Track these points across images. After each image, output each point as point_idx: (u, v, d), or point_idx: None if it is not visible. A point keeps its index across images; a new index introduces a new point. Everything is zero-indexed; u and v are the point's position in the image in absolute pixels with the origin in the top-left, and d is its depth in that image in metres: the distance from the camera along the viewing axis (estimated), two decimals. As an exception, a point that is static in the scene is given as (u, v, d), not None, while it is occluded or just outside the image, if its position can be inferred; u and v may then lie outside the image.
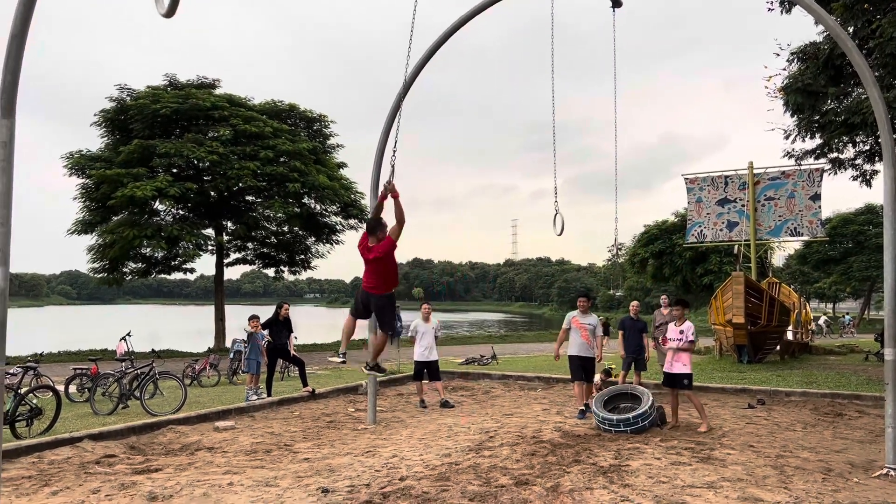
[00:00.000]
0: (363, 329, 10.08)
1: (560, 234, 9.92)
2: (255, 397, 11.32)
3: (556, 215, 9.73)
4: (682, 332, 8.96)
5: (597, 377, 12.44)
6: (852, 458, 7.06)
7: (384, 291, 7.18)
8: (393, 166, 7.40)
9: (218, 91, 29.61)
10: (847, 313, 53.03)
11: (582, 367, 10.07)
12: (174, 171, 27.74)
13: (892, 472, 6.28)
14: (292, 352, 12.38)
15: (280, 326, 12.12)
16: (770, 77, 15.14)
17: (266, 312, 13.20)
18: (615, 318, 24.15)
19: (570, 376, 10.53)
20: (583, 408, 9.88)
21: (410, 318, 12.77)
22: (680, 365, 8.83)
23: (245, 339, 17.02)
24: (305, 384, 12.00)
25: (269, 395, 11.68)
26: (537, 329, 56.66)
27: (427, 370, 11.35)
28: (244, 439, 8.27)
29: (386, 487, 5.95)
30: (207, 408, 10.29)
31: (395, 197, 7.03)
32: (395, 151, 7.60)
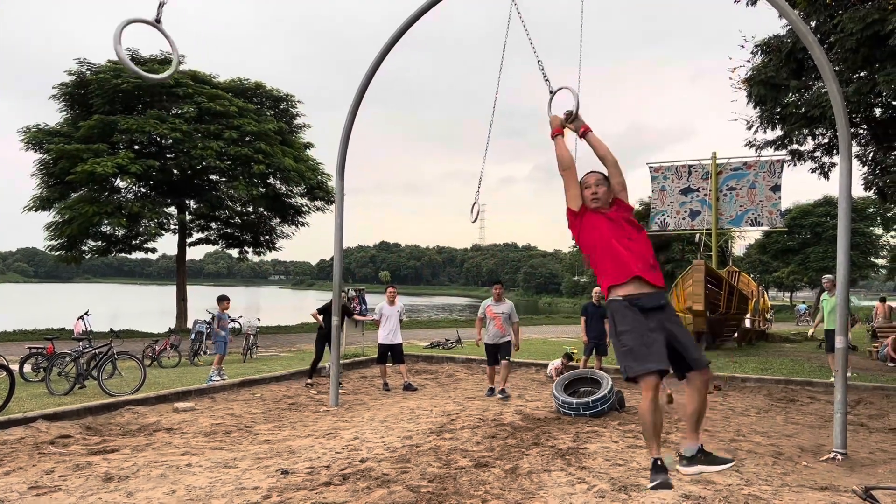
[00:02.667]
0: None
1: (474, 222, 9.27)
2: (217, 378, 11.23)
3: (474, 204, 8.98)
4: None
5: (558, 361, 12.62)
6: (802, 442, 7.27)
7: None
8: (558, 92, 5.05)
9: (182, 67, 28.99)
10: (803, 302, 54.37)
11: (496, 354, 10.50)
12: (136, 147, 27.12)
13: (839, 456, 6.48)
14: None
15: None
16: (734, 69, 15.36)
17: (230, 293, 13.11)
18: (579, 304, 24.44)
19: (532, 360, 10.68)
20: (492, 387, 10.52)
21: (376, 302, 12.73)
22: None
23: (209, 320, 16.90)
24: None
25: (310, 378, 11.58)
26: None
27: (391, 353, 11.37)
28: (204, 420, 8.20)
29: (346, 469, 5.96)
30: (167, 388, 10.17)
31: (586, 131, 4.41)
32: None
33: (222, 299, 12.30)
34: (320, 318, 11.90)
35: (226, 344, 11.95)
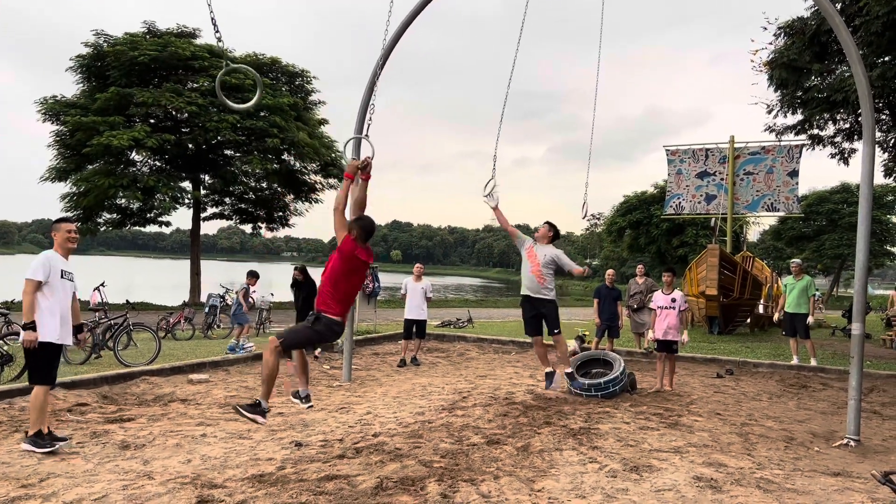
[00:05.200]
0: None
1: (494, 206, 8.94)
2: (242, 351, 11.48)
3: (489, 181, 8.72)
4: (673, 299, 9.15)
5: (572, 343, 12.63)
6: (814, 428, 7.26)
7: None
8: (366, 136, 6.40)
9: (198, 41, 28.94)
10: (817, 289, 53.99)
11: (413, 328, 11.26)
12: (151, 121, 27.22)
13: (851, 443, 6.47)
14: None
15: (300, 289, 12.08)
16: (756, 51, 15.16)
17: (243, 268, 13.26)
18: (590, 287, 24.38)
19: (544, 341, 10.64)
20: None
21: (390, 280, 12.83)
22: (675, 333, 9.08)
23: (223, 294, 17.05)
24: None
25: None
26: (513, 295, 57.05)
27: (416, 328, 11.43)
28: (218, 392, 8.28)
29: (359, 443, 6.01)
30: (182, 360, 10.27)
31: (367, 179, 5.62)
32: (370, 118, 6.63)
33: (251, 275, 12.65)
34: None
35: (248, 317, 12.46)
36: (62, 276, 5.76)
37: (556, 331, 8.32)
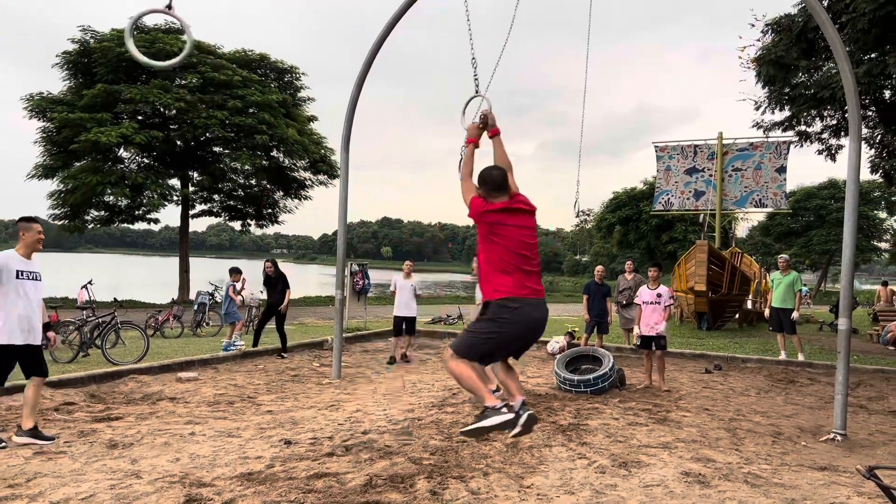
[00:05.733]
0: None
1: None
2: (234, 347, 11.46)
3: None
4: (659, 294, 9.15)
5: (562, 339, 12.66)
6: (802, 422, 7.31)
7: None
8: (477, 90, 5.63)
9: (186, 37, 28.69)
10: (805, 285, 54.37)
11: (403, 325, 11.22)
12: (139, 117, 27.01)
13: (838, 437, 6.52)
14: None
15: (269, 285, 12.10)
16: (744, 48, 15.21)
17: (232, 266, 13.21)
18: (580, 283, 24.44)
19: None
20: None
21: (381, 277, 12.80)
22: (660, 328, 9.05)
23: (211, 291, 17.00)
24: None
25: (255, 346, 11.85)
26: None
27: (405, 325, 11.40)
28: (207, 390, 8.25)
29: (349, 440, 6.01)
30: (170, 358, 10.23)
31: (496, 134, 4.75)
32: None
33: (234, 271, 12.68)
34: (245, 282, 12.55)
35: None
36: (19, 277, 5.71)
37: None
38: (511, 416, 3.96)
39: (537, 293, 4.17)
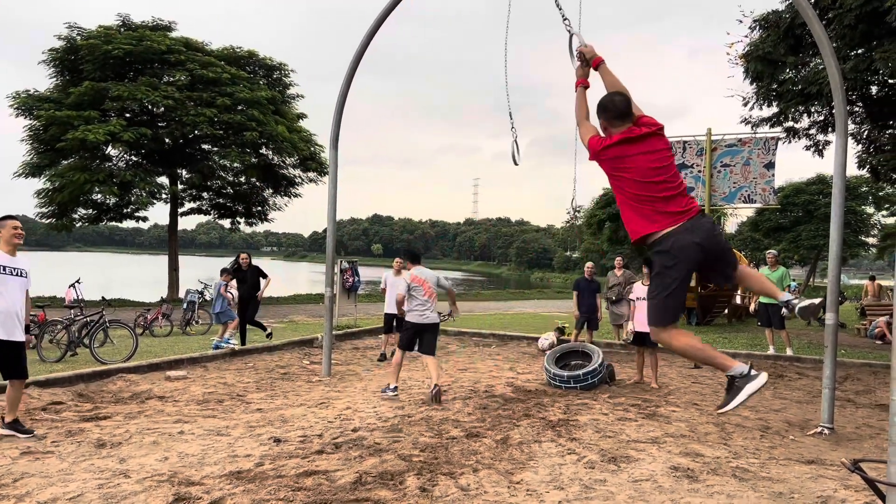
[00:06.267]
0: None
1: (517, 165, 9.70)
2: (226, 344, 11.40)
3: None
4: None
5: (551, 335, 12.69)
6: (790, 417, 7.36)
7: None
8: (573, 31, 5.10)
9: (174, 34, 28.57)
10: (794, 280, 54.61)
11: (394, 322, 10.91)
12: (127, 115, 26.87)
13: (825, 431, 6.56)
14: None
15: (240, 277, 12.15)
16: (732, 44, 15.28)
17: (222, 264, 13.15)
18: (570, 279, 24.50)
19: (524, 333, 10.69)
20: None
21: (371, 274, 12.77)
22: None
23: (201, 290, 16.95)
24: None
25: (242, 344, 11.82)
26: (495, 288, 57.17)
27: (396, 321, 11.26)
28: (196, 389, 8.22)
29: (338, 438, 6.00)
30: (159, 357, 10.18)
31: (598, 63, 4.58)
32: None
33: (225, 272, 12.65)
34: (234, 282, 12.40)
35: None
36: (2, 272, 5.72)
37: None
38: (758, 372, 3.86)
39: (684, 215, 3.93)
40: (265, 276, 12.25)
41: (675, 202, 3.96)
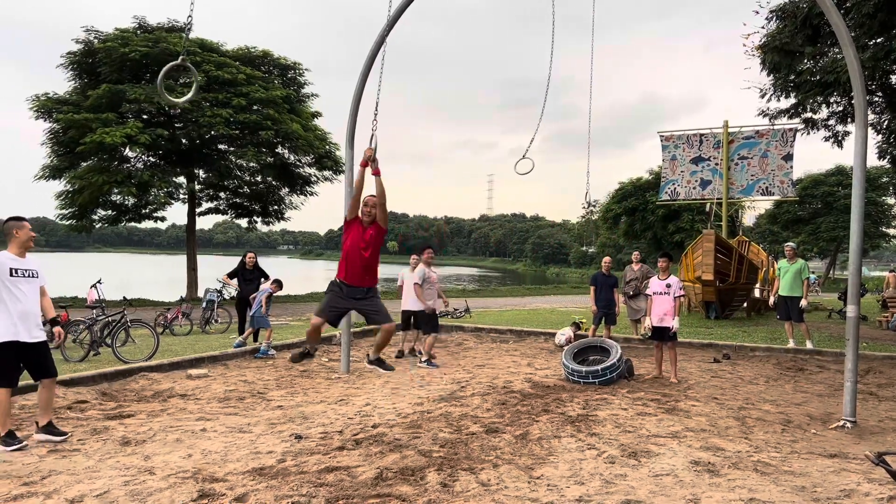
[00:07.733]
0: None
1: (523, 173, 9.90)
2: (265, 355, 11.00)
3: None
4: (668, 285, 9.11)
5: (568, 330, 12.67)
6: (811, 410, 7.31)
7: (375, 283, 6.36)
8: (374, 132, 6.42)
9: (190, 35, 28.69)
10: (813, 272, 54.07)
11: (411, 319, 10.97)
12: (144, 116, 27.10)
13: (848, 424, 6.52)
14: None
15: (245, 276, 12.20)
16: (748, 35, 15.11)
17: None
18: (587, 274, 24.43)
19: (541, 329, 10.69)
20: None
21: (387, 271, 12.80)
22: (670, 319, 9.00)
23: (219, 289, 17.06)
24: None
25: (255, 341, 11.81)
26: (511, 284, 57.16)
27: (414, 319, 11.22)
28: (217, 387, 8.30)
29: (359, 434, 6.04)
30: (180, 356, 10.29)
31: (376, 174, 6.04)
32: (375, 116, 6.73)
33: (277, 282, 12.39)
34: (233, 281, 12.42)
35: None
36: (13, 275, 5.77)
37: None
38: None
39: None
40: (266, 278, 12.29)
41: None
